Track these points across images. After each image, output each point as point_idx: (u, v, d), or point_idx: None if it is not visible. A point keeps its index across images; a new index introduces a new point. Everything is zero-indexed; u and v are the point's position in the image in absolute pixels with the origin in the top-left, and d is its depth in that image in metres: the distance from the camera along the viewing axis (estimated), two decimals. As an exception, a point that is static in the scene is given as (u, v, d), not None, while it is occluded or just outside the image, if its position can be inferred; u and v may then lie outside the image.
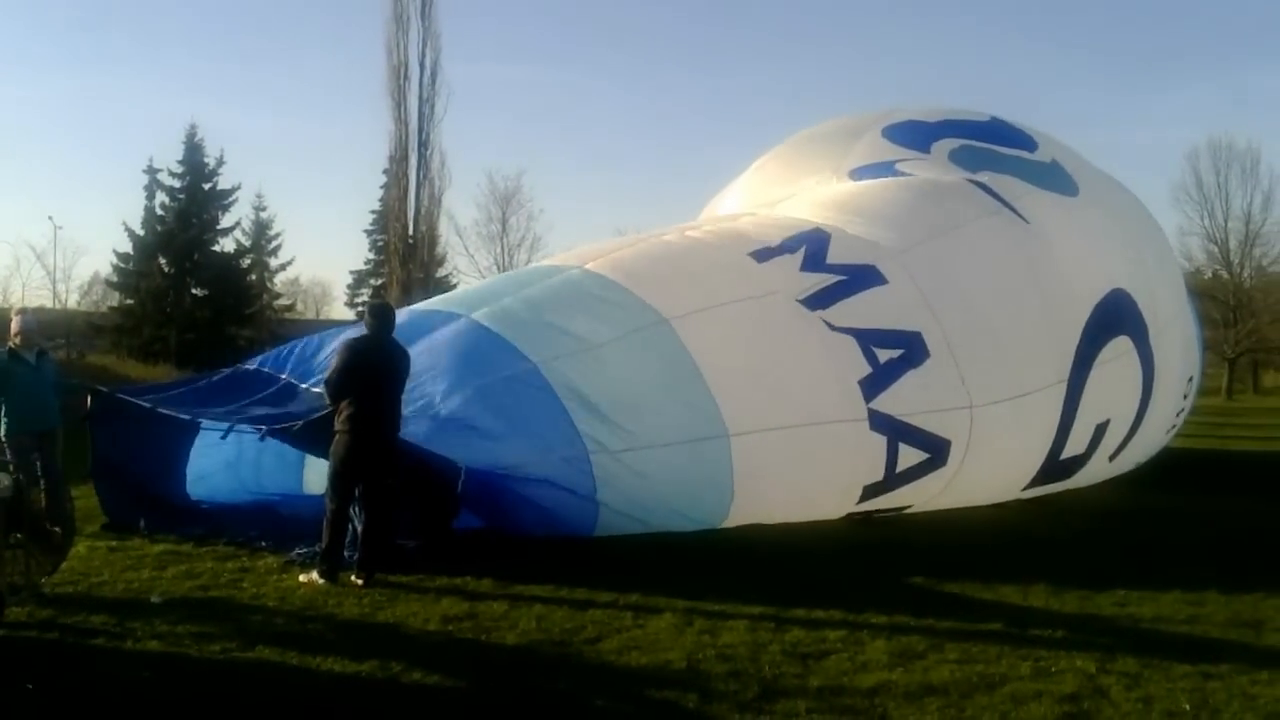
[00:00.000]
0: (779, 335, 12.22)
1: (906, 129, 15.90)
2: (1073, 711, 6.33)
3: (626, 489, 10.75)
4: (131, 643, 7.32)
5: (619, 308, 11.92)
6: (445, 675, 6.83)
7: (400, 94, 38.13)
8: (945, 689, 6.68)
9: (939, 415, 12.31)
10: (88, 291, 63.55)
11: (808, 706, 6.30)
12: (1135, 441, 15.36)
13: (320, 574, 9.13)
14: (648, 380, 11.34)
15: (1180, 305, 16.77)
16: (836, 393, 12.00)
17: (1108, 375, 13.86)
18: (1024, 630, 8.05)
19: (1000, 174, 14.83)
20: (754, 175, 16.88)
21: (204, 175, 45.32)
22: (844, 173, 15.40)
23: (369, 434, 9.32)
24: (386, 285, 41.69)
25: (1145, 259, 15.56)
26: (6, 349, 10.74)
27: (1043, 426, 13.37)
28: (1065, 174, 15.54)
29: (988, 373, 12.71)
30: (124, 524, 10.97)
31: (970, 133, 15.85)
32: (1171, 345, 15.51)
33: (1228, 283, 60.35)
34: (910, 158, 15.33)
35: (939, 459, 12.37)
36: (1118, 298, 14.26)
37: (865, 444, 11.98)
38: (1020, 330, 13.23)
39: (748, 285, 12.56)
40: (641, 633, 7.82)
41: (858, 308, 12.52)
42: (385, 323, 9.79)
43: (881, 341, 12.34)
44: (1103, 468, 15.07)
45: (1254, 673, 7.11)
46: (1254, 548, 11.86)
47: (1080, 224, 14.77)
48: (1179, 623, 8.47)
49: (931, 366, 12.43)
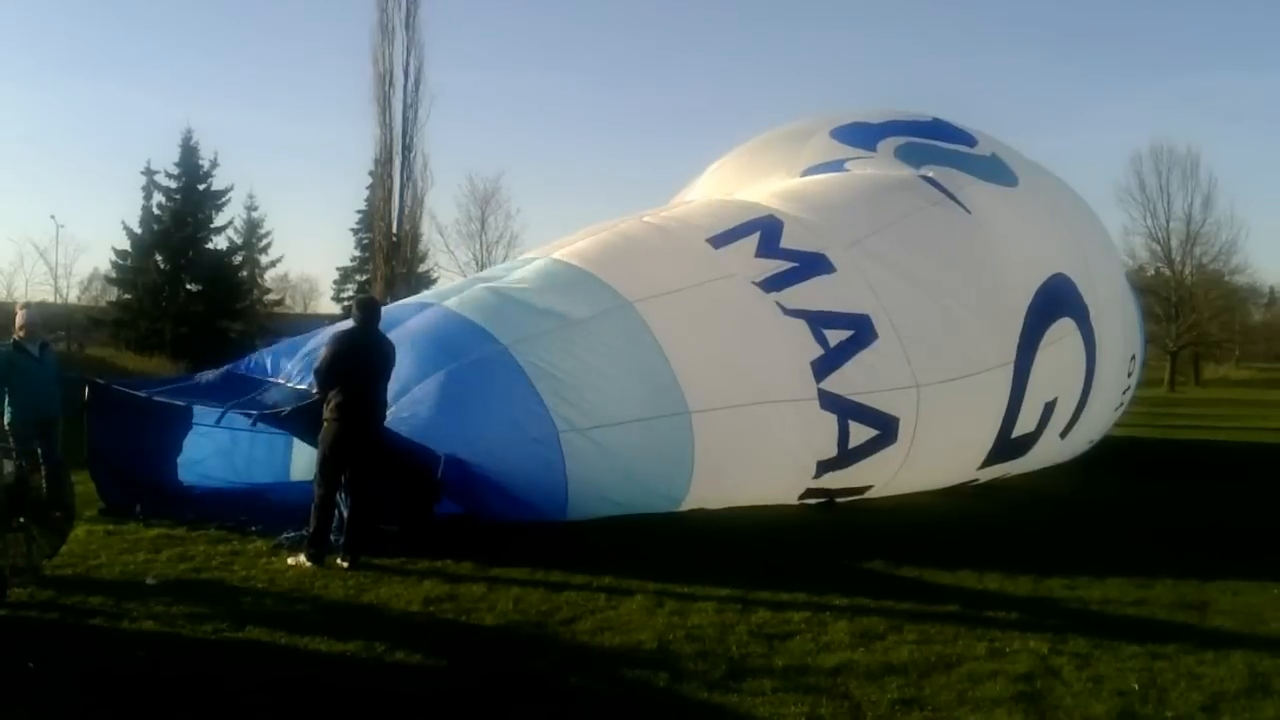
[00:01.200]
0: (736, 317, 12.32)
1: (853, 130, 15.98)
2: (1027, 690, 6.33)
3: (594, 466, 10.78)
4: (128, 623, 7.28)
5: (584, 291, 11.99)
6: (427, 654, 6.80)
7: (385, 100, 38.17)
8: (905, 668, 6.68)
9: (886, 394, 12.37)
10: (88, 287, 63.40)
11: (773, 685, 6.29)
12: (1084, 419, 15.38)
13: (308, 557, 9.10)
14: (613, 360, 11.39)
15: (1118, 287, 16.84)
16: (789, 372, 12.08)
17: (1052, 357, 13.91)
18: (979, 612, 8.06)
19: (943, 167, 14.89)
20: (710, 178, 16.86)
21: (199, 177, 45.12)
22: (796, 172, 15.47)
23: (356, 423, 9.32)
24: (371, 281, 41.64)
25: (1083, 244, 15.65)
26: (12, 341, 10.72)
27: (991, 406, 13.39)
28: (1005, 166, 15.63)
29: (932, 354, 12.78)
30: (120, 509, 10.89)
31: (914, 131, 15.91)
32: (1112, 325, 15.56)
33: (1169, 280, 60.78)
34: (858, 156, 15.42)
35: (889, 435, 12.41)
36: (1059, 282, 14.32)
37: (817, 421, 12.05)
38: (964, 314, 13.28)
39: (706, 269, 12.69)
40: (614, 614, 7.81)
41: (808, 292, 12.62)
42: (372, 316, 9.78)
43: (831, 323, 12.45)
44: (1054, 445, 15.08)
45: (1200, 653, 7.14)
46: (1198, 532, 11.88)
47: (1020, 212, 14.87)
48: (1127, 605, 8.49)
49: (879, 347, 12.51)
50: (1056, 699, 6.22)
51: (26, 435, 10.18)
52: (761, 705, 5.98)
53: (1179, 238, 60.91)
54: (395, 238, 39.11)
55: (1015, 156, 16.29)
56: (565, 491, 10.69)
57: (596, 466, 10.80)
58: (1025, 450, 14.35)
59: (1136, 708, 6.10)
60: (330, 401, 9.35)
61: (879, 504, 12.80)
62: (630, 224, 14.13)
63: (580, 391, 10.95)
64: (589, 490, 10.79)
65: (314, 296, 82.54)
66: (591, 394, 10.99)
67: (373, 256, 41.82)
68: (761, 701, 6.03)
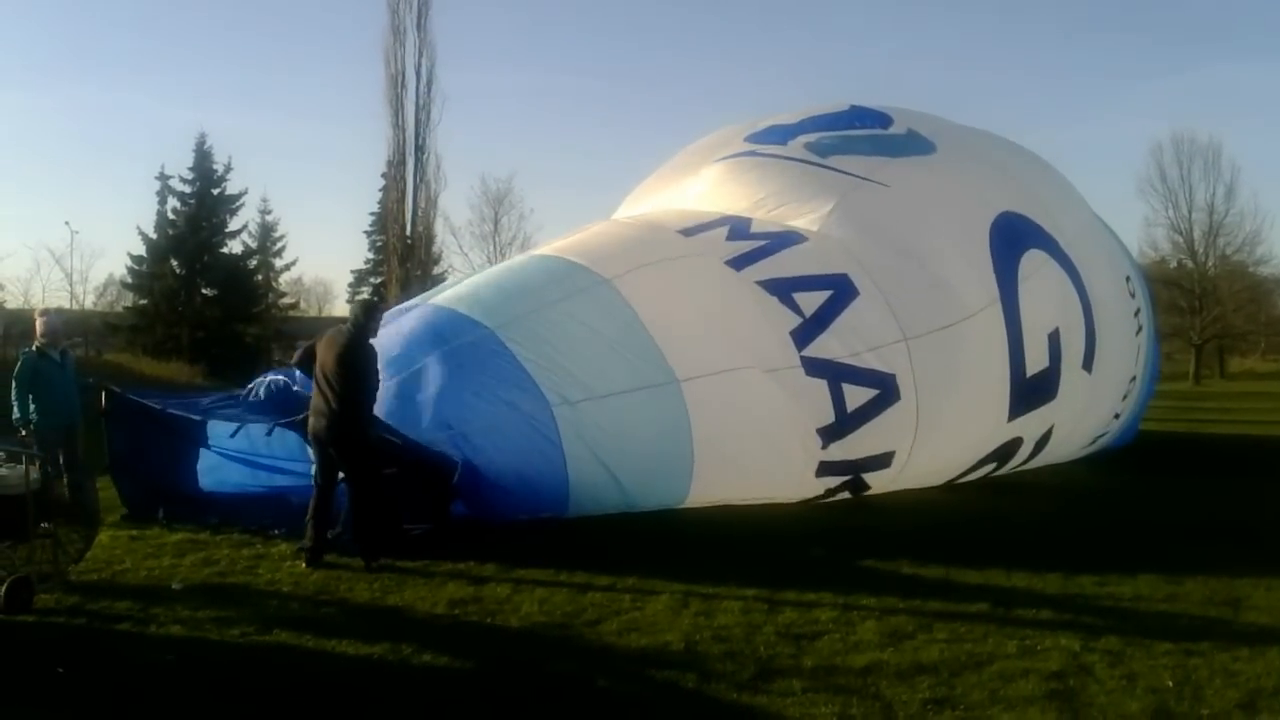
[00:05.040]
0: (711, 290, 12.56)
1: (768, 132, 16.02)
2: (1059, 689, 6.32)
3: (591, 439, 10.91)
4: (155, 627, 7.32)
5: (564, 275, 12.35)
6: (454, 657, 6.83)
7: (398, 102, 38.38)
8: (935, 668, 6.67)
9: (875, 352, 12.45)
10: (103, 292, 63.76)
11: (803, 686, 6.29)
12: (1104, 348, 15.08)
13: (302, 558, 9.30)
14: (596, 334, 11.61)
15: (1085, 219, 16.73)
16: (770, 343, 12.22)
17: (1036, 288, 13.88)
18: (1009, 610, 8.04)
19: (851, 155, 14.94)
20: (640, 188, 17.07)
21: (213, 181, 45.38)
22: (710, 163, 15.70)
23: (320, 416, 9.46)
24: (386, 283, 41.67)
25: (1026, 184, 15.66)
26: (34, 348, 10.83)
27: (992, 349, 13.33)
28: (921, 138, 15.65)
29: (917, 306, 12.87)
30: (143, 514, 10.97)
31: (826, 125, 15.87)
32: (1090, 253, 15.46)
33: (1193, 272, 60.36)
34: (769, 150, 15.57)
35: (890, 394, 12.41)
36: (1009, 219, 14.32)
37: (806, 388, 12.13)
38: (936, 267, 13.33)
39: (679, 249, 13.11)
40: (640, 615, 7.82)
41: (782, 262, 12.91)
42: (357, 319, 9.79)
43: (809, 286, 12.63)
44: (1084, 381, 14.77)
45: (1234, 649, 7.12)
46: (1226, 527, 11.84)
47: (941, 173, 14.95)
48: (1158, 601, 8.47)
49: (861, 305, 12.65)
50: (1090, 697, 6.21)
51: (50, 441, 10.32)
52: (792, 706, 5.98)
53: (1201, 229, 60.48)
54: (409, 239, 39.24)
55: (936, 126, 16.34)
56: (565, 471, 10.79)
57: (593, 441, 10.94)
58: (1052, 389, 14.06)
59: (1172, 705, 6.08)
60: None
61: (903, 501, 12.74)
62: (602, 224, 14.73)
63: (567, 367, 11.17)
64: (589, 467, 10.91)
65: (329, 299, 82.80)
66: (578, 369, 11.21)
67: (387, 258, 41.90)
68: (791, 702, 6.03)
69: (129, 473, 11.32)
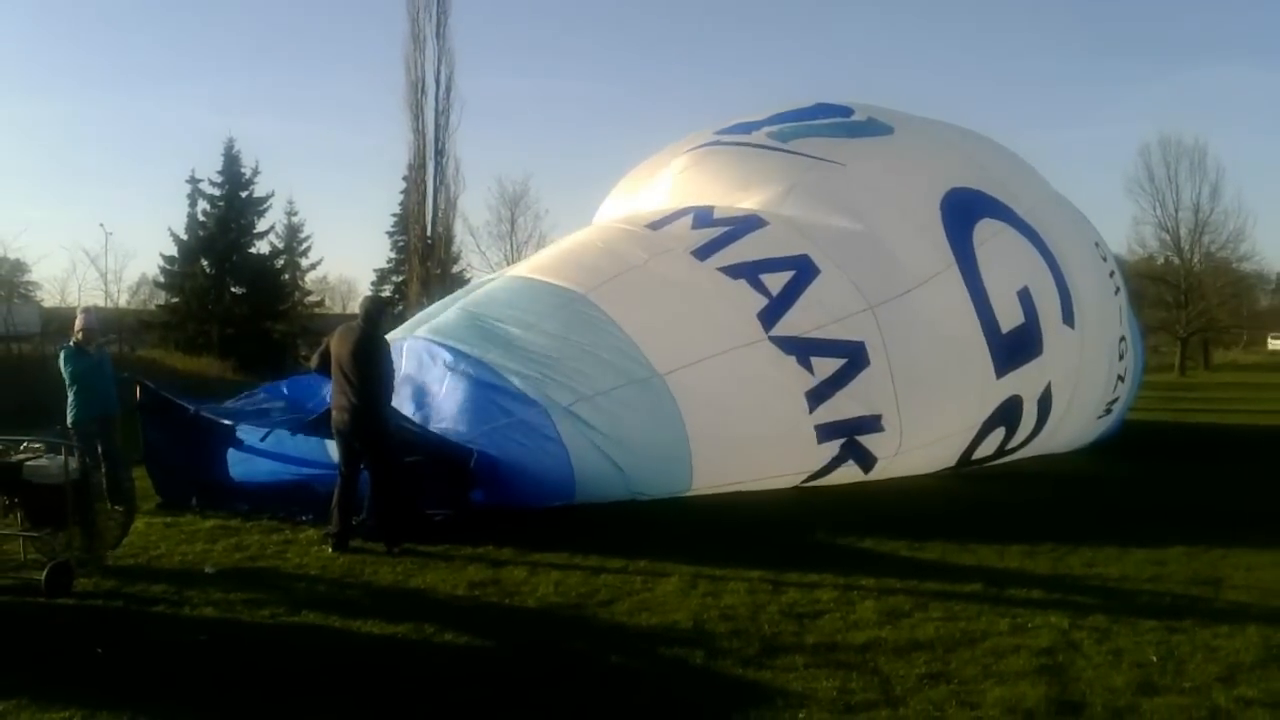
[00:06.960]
0: (678, 289, 12.75)
1: (735, 126, 16.08)
2: (1049, 664, 6.35)
3: (589, 434, 11.08)
4: (189, 609, 7.37)
5: (537, 296, 12.65)
6: (474, 636, 6.88)
7: (418, 107, 38.19)
8: (931, 644, 6.71)
9: (840, 324, 12.55)
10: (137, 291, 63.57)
11: (805, 662, 6.33)
12: (1082, 302, 14.91)
13: (329, 543, 9.34)
14: (573, 342, 11.81)
15: (1046, 194, 16.54)
16: (738, 327, 12.33)
17: (994, 251, 13.85)
18: (1002, 590, 8.07)
19: (809, 138, 15.03)
20: (621, 183, 17.13)
21: (241, 184, 45.27)
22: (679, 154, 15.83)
23: (342, 411, 9.53)
24: (407, 281, 41.68)
25: (980, 162, 15.65)
26: (72, 343, 10.93)
27: (957, 306, 13.33)
28: (880, 123, 15.71)
29: (875, 276, 12.99)
30: (177, 502, 11.02)
31: (790, 118, 15.89)
32: (1051, 219, 15.35)
33: (1179, 268, 60.04)
34: (733, 139, 15.73)
35: (860, 359, 12.48)
36: (960, 193, 14.31)
37: (778, 361, 12.25)
38: (888, 240, 13.43)
39: (645, 248, 13.32)
40: (650, 595, 7.87)
41: (745, 247, 13.05)
42: (366, 315, 9.93)
43: (772, 268, 12.75)
44: (1068, 337, 14.56)
45: (1215, 627, 7.15)
46: (1210, 511, 11.87)
47: (896, 151, 15.10)
48: (1144, 581, 8.49)
49: (823, 281, 12.77)
50: (1078, 671, 6.24)
51: (88, 433, 10.41)
52: (794, 680, 6.01)
53: (1188, 227, 60.08)
54: (429, 239, 39.16)
55: (897, 115, 16.32)
56: (569, 462, 10.89)
57: (591, 435, 11.07)
58: (1034, 344, 13.91)
59: (1155, 679, 6.10)
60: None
61: (901, 487, 12.75)
62: (578, 235, 15.16)
63: (553, 374, 11.38)
64: (591, 456, 11.03)
65: (352, 297, 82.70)
66: (564, 375, 11.41)
67: (408, 258, 41.86)
68: (794, 677, 6.06)
69: (162, 463, 11.38)
